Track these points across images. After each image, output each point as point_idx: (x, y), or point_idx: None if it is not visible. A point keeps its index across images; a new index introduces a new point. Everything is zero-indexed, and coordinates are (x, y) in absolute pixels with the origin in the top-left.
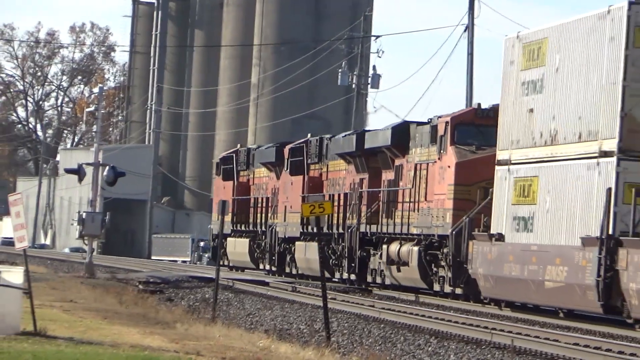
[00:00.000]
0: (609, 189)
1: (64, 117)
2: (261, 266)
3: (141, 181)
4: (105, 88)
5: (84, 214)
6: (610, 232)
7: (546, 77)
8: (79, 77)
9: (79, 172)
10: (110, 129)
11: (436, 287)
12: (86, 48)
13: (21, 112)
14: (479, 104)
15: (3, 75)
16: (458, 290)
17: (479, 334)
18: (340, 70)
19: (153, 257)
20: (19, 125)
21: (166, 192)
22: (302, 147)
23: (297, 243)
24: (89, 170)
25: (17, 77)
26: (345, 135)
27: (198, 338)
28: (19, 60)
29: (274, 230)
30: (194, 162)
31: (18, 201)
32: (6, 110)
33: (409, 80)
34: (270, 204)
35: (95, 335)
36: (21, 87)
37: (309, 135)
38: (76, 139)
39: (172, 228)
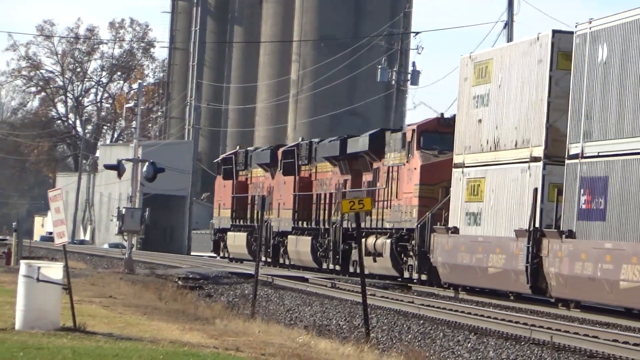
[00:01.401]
0: (536, 189)
1: (103, 113)
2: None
3: (181, 177)
4: (144, 84)
5: (124, 210)
6: (537, 225)
7: (491, 93)
8: (119, 73)
9: (118, 168)
10: (150, 125)
11: (406, 275)
12: (125, 44)
13: (61, 108)
14: (442, 114)
15: (43, 71)
16: (423, 277)
17: (518, 330)
18: (379, 66)
19: (192, 253)
20: (59, 121)
21: (206, 188)
22: (293, 150)
23: (289, 237)
24: (129, 166)
25: (56, 73)
26: (331, 141)
27: (237, 334)
28: (59, 56)
29: (269, 225)
30: None
31: (58, 197)
32: (46, 106)
33: (448, 77)
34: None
35: (135, 331)
36: (61, 83)
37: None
38: (115, 135)
39: None
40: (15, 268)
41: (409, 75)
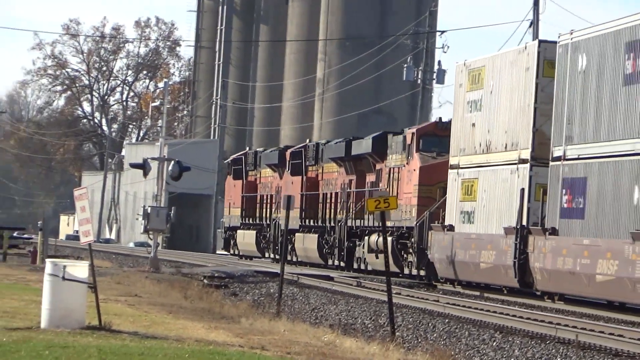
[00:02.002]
0: (523, 189)
1: (129, 112)
2: (266, 255)
3: (206, 176)
4: (170, 83)
5: (149, 209)
6: (525, 223)
7: (484, 98)
8: (144, 72)
9: (144, 166)
10: (176, 124)
11: (406, 271)
12: (151, 43)
13: (86, 106)
14: (440, 118)
15: (69, 70)
16: (422, 272)
17: (543, 329)
18: (405, 65)
19: (218, 252)
20: (85, 120)
21: None
22: (301, 151)
23: (296, 234)
24: (154, 165)
25: (82, 72)
26: (337, 142)
27: (263, 333)
28: (85, 55)
29: (277, 223)
30: None
31: (83, 196)
32: (72, 105)
33: None
34: (274, 201)
35: (160, 330)
36: (87, 82)
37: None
38: (141, 134)
39: None
40: (41, 267)
41: (435, 74)
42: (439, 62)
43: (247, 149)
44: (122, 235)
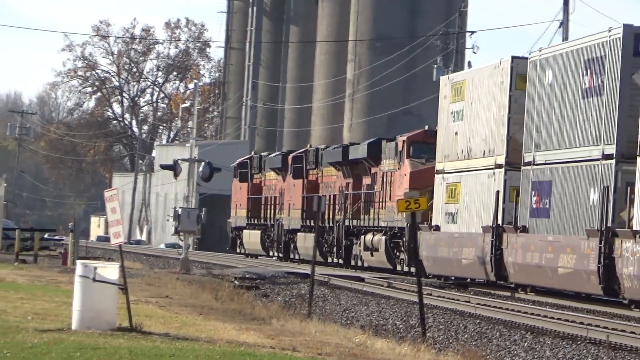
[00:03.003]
0: (498, 192)
1: (159, 113)
2: (271, 253)
3: None
4: (200, 84)
5: (180, 210)
6: (500, 222)
7: (465, 109)
8: (174, 73)
9: (174, 168)
10: (206, 125)
11: (398, 268)
12: (181, 44)
13: (117, 108)
14: (428, 127)
15: (99, 72)
16: (413, 269)
17: (574, 329)
18: (435, 66)
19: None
20: (115, 122)
21: None
22: (302, 156)
23: (298, 234)
24: (185, 166)
25: (112, 74)
26: (335, 148)
27: (294, 334)
28: (115, 56)
29: (280, 223)
30: None
31: (114, 197)
32: (102, 106)
33: None
34: (277, 202)
35: (191, 331)
36: (117, 84)
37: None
38: (171, 135)
39: None
40: (71, 268)
41: None
42: (469, 62)
43: (253, 153)
44: (152, 236)
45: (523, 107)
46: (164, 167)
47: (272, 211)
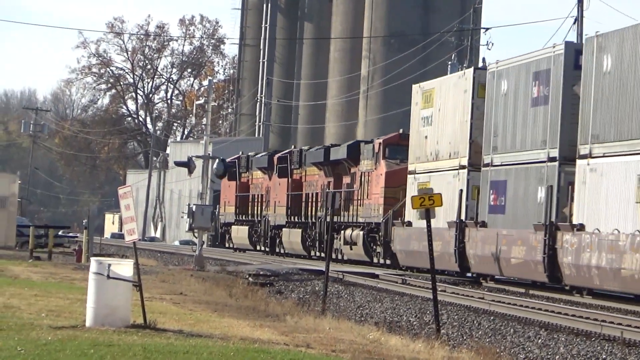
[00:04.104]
0: (461, 190)
1: (173, 110)
2: (258, 247)
3: None
4: (214, 81)
5: (194, 207)
6: (463, 218)
7: (434, 115)
8: (189, 70)
9: (188, 164)
10: (220, 122)
11: (375, 260)
12: (196, 41)
13: (131, 105)
14: (402, 130)
15: (113, 69)
16: (387, 262)
17: (588, 326)
18: (449, 62)
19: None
20: (129, 118)
21: None
22: (287, 156)
23: (283, 229)
24: (199, 163)
25: (127, 70)
26: (317, 149)
27: (308, 330)
28: (129, 53)
29: (267, 219)
30: None
31: (128, 194)
32: (116, 103)
33: None
34: (264, 200)
35: (205, 328)
36: (131, 80)
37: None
38: (186, 132)
39: None
40: (85, 265)
41: None
42: (484, 59)
43: (241, 152)
44: (167, 233)
45: (483, 114)
46: (178, 164)
47: (259, 208)
